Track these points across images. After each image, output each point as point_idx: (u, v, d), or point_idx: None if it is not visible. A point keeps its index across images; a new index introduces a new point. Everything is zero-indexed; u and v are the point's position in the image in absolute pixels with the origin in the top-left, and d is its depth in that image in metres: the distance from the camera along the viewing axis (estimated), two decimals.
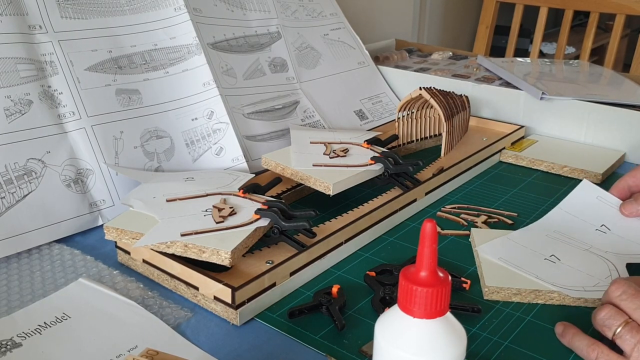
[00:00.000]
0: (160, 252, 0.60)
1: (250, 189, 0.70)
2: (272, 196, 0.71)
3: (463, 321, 0.40)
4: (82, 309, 0.56)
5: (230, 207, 0.65)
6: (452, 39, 2.19)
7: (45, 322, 0.54)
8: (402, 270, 0.38)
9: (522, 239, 0.68)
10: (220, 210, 0.64)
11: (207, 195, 0.68)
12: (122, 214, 0.65)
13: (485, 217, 0.75)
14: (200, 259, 0.58)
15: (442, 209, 0.78)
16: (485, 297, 0.60)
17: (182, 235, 0.59)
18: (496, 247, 0.66)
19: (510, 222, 0.75)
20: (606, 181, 0.87)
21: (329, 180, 0.72)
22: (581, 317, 0.56)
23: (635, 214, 0.72)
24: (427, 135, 0.97)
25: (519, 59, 1.27)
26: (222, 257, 0.57)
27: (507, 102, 1.04)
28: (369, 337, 0.54)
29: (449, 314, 0.38)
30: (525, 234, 0.69)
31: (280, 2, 1.04)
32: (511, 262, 0.63)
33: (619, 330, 0.49)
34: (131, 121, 0.79)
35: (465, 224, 0.74)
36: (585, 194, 0.76)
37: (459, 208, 0.78)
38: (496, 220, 0.75)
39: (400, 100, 1.07)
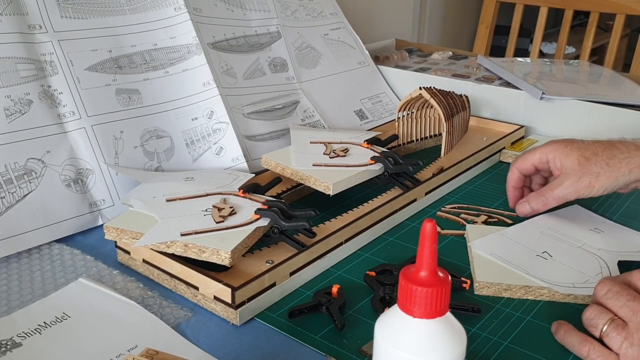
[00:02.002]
0: (160, 252, 0.60)
1: (250, 188, 0.70)
2: (272, 196, 0.71)
3: (463, 321, 0.40)
4: (82, 309, 0.56)
5: (230, 207, 0.65)
6: (452, 39, 2.19)
7: (45, 322, 0.54)
8: (402, 270, 0.38)
9: (516, 235, 0.69)
10: (220, 210, 0.64)
11: (207, 195, 0.68)
12: (122, 214, 0.65)
13: (486, 217, 0.75)
14: (200, 258, 0.58)
15: (442, 208, 0.78)
16: (475, 292, 0.60)
17: (182, 235, 0.59)
18: (489, 242, 0.67)
19: (510, 221, 0.75)
20: None
21: (329, 180, 0.72)
22: (580, 316, 0.56)
23: (527, 213, 0.72)
24: (427, 135, 0.97)
25: (519, 59, 1.27)
26: (222, 257, 0.57)
27: (507, 102, 1.04)
28: (369, 337, 0.54)
29: (448, 314, 0.38)
30: (519, 230, 0.70)
31: (280, 2, 1.04)
32: (503, 257, 0.64)
33: (605, 328, 0.49)
34: (131, 121, 0.79)
35: (465, 223, 0.74)
36: (577, 213, 0.76)
37: (458, 208, 0.78)
38: (496, 220, 0.75)
39: (400, 100, 1.07)
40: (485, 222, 0.74)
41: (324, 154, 0.80)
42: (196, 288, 0.58)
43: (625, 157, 0.67)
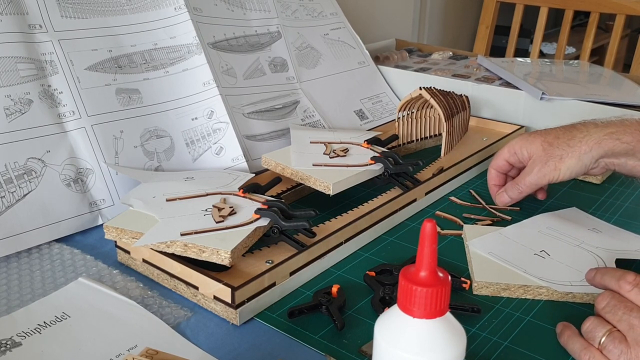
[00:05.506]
0: (160, 252, 0.60)
1: (250, 188, 0.70)
2: (272, 196, 0.71)
3: (463, 321, 0.40)
4: (82, 309, 0.56)
5: (230, 207, 0.65)
6: (452, 39, 2.19)
7: (45, 322, 0.54)
8: (401, 270, 0.38)
9: (514, 234, 0.69)
10: (220, 209, 0.64)
11: (207, 194, 0.68)
12: (122, 214, 0.65)
13: (490, 222, 0.75)
14: (200, 258, 0.58)
15: (451, 198, 0.80)
16: (474, 292, 0.60)
17: (182, 234, 0.59)
18: (487, 241, 0.67)
19: (509, 218, 0.75)
20: (606, 181, 0.87)
21: (329, 180, 0.72)
22: (582, 317, 0.56)
23: (507, 203, 0.75)
24: (427, 135, 0.97)
25: (519, 59, 1.27)
26: (222, 257, 0.57)
27: (507, 102, 1.04)
28: (369, 337, 0.54)
29: (448, 314, 0.38)
30: (517, 230, 0.70)
31: (281, 2, 1.04)
32: (501, 256, 0.64)
33: (602, 340, 0.49)
34: (131, 120, 0.79)
35: (462, 223, 0.74)
36: (576, 215, 0.76)
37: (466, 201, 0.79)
38: (499, 219, 0.76)
39: (400, 100, 1.07)
40: (489, 224, 0.75)
41: (324, 154, 0.80)
42: (196, 288, 0.58)
43: (584, 135, 0.70)
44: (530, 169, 0.72)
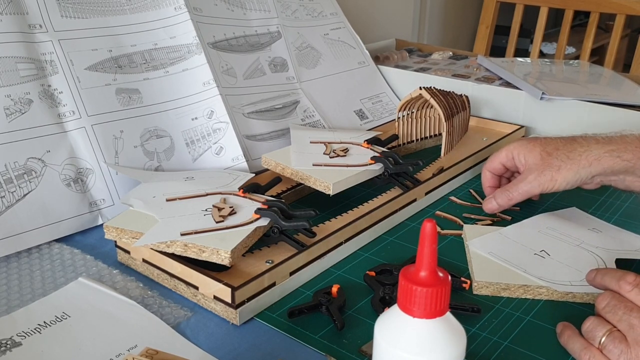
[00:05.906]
0: (160, 252, 0.60)
1: (250, 188, 0.70)
2: (272, 196, 0.71)
3: (463, 321, 0.40)
4: (82, 309, 0.56)
5: (230, 207, 0.65)
6: (452, 39, 2.19)
7: (45, 322, 0.54)
8: (401, 270, 0.38)
9: (514, 234, 0.69)
10: (220, 209, 0.64)
11: (207, 194, 0.68)
12: (122, 213, 0.65)
13: (490, 222, 0.75)
14: (200, 258, 0.58)
15: (451, 199, 0.79)
16: (474, 292, 0.60)
17: (182, 234, 0.59)
18: (487, 241, 0.67)
19: (509, 217, 0.75)
20: None
21: (329, 180, 0.72)
22: (582, 317, 0.56)
23: (494, 209, 0.74)
24: (427, 135, 0.97)
25: (519, 59, 1.27)
26: (222, 257, 0.57)
27: (507, 102, 1.04)
28: (369, 336, 0.54)
29: (448, 314, 0.38)
30: (517, 230, 0.70)
31: (281, 2, 1.04)
32: (501, 256, 0.64)
33: (602, 340, 0.49)
34: (131, 120, 0.79)
35: (462, 223, 0.74)
36: (575, 215, 0.76)
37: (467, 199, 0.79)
38: (498, 219, 0.75)
39: (400, 100, 1.07)
40: (489, 224, 0.75)
41: (324, 153, 0.80)
42: (196, 288, 0.58)
43: (585, 150, 0.69)
44: (524, 176, 0.71)
